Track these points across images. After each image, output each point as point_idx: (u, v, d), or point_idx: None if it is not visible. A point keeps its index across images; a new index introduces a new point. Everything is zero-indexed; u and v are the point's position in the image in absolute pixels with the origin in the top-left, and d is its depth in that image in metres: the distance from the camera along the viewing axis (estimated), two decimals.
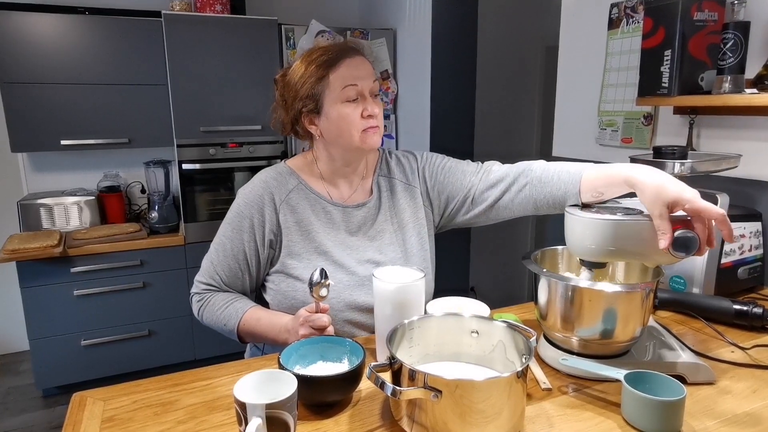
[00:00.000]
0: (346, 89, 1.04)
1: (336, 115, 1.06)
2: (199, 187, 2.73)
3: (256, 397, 0.70)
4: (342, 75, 1.04)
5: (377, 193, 1.19)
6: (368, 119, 1.06)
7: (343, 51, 1.06)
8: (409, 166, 1.23)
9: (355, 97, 1.05)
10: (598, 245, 0.90)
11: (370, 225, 1.18)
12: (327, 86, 1.05)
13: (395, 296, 0.92)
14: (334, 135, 1.09)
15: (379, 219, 1.18)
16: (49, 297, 2.48)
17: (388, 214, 1.19)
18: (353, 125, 1.06)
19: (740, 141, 1.43)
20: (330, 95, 1.05)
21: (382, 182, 1.21)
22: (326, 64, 1.05)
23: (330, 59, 1.05)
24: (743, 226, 1.26)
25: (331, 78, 1.04)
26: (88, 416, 0.82)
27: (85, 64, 2.55)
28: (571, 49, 1.98)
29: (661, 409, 0.74)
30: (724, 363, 0.96)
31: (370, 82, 1.07)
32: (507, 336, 0.83)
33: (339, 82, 1.04)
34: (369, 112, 1.06)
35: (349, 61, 1.05)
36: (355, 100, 1.05)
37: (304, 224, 1.13)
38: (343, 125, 1.06)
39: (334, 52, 1.05)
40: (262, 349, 1.24)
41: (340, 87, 1.04)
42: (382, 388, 0.70)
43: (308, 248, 1.13)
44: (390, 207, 1.20)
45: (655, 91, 1.42)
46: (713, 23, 1.33)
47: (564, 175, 1.04)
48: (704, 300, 1.14)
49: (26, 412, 2.54)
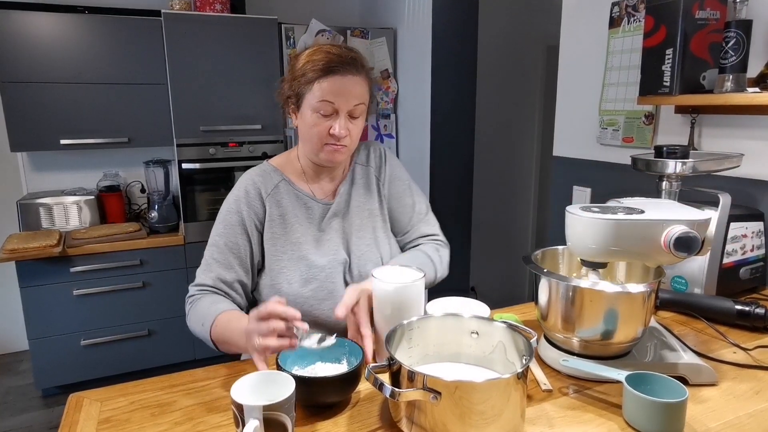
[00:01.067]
0: (321, 102, 1.07)
1: (307, 121, 1.10)
2: (198, 186, 2.72)
3: (253, 398, 0.69)
4: (323, 88, 1.06)
5: (350, 180, 1.23)
6: (330, 137, 1.09)
7: (339, 65, 1.06)
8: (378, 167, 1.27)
9: (328, 112, 1.08)
10: (599, 245, 0.89)
11: (342, 217, 1.20)
12: (310, 91, 1.08)
13: (394, 297, 0.91)
14: (303, 136, 1.14)
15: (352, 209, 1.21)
16: (48, 297, 2.47)
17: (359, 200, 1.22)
18: (318, 136, 1.09)
19: (742, 140, 1.43)
20: (309, 100, 1.08)
21: (358, 171, 1.25)
22: (317, 71, 1.06)
23: (323, 68, 1.06)
24: (745, 226, 1.25)
25: (315, 86, 1.07)
26: (84, 417, 0.81)
27: (84, 63, 2.55)
28: (572, 48, 1.98)
29: (663, 410, 0.73)
30: (726, 364, 0.95)
31: (350, 104, 1.08)
32: (507, 337, 0.83)
33: (319, 93, 1.07)
34: (333, 131, 1.08)
35: (339, 78, 1.06)
36: (328, 115, 1.08)
37: (287, 218, 1.16)
38: (309, 132, 1.10)
39: (330, 63, 1.06)
40: None
41: (318, 98, 1.07)
42: (381, 390, 0.69)
43: (287, 241, 1.16)
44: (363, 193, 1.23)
45: (656, 90, 1.41)
46: (715, 22, 1.32)
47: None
48: (706, 300, 1.13)
49: (26, 411, 2.53)
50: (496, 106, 3.48)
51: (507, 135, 3.60)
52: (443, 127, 2.81)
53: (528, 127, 3.67)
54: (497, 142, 3.56)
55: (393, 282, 0.92)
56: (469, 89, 2.84)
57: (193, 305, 1.12)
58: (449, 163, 2.86)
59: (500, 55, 3.41)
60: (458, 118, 2.83)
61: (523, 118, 3.63)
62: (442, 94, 2.77)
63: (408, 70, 3.01)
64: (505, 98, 3.53)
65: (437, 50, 2.72)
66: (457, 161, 2.88)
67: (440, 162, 2.84)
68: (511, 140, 3.63)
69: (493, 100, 3.45)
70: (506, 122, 3.58)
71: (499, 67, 3.43)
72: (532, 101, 3.63)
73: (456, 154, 2.87)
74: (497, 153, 3.58)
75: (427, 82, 2.77)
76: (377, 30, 3.06)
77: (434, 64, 2.73)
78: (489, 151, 3.51)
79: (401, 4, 2.99)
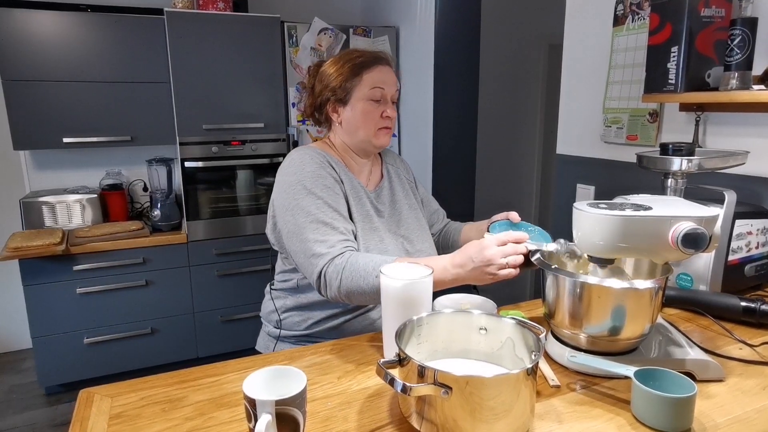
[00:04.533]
0: (374, 90, 1.19)
1: (360, 109, 1.20)
2: (201, 184, 2.72)
3: (266, 393, 0.69)
4: (373, 77, 1.19)
5: (387, 177, 1.33)
6: (385, 119, 1.21)
7: (378, 58, 1.22)
8: (404, 168, 1.42)
9: (379, 98, 1.20)
10: (606, 241, 0.89)
11: (391, 205, 1.30)
12: (359, 83, 1.19)
13: (403, 293, 0.91)
14: (354, 126, 1.22)
15: (397, 198, 1.32)
16: (51, 295, 2.47)
17: (400, 194, 1.33)
18: (372, 121, 1.20)
19: (747, 138, 1.43)
20: (360, 91, 1.20)
21: (391, 170, 1.36)
22: (362, 65, 1.20)
23: (366, 61, 1.20)
24: (750, 223, 1.25)
25: (365, 77, 1.19)
26: (95, 413, 0.81)
27: (87, 61, 2.55)
28: (576, 46, 1.98)
29: (672, 406, 0.74)
30: (732, 360, 0.95)
31: (393, 90, 1.22)
32: (516, 333, 0.83)
33: (370, 82, 1.19)
34: (387, 114, 1.21)
35: (381, 68, 1.21)
36: (378, 101, 1.20)
37: (350, 194, 1.21)
38: (363, 119, 1.20)
39: (370, 57, 1.21)
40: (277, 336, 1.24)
41: (369, 86, 1.19)
42: (392, 385, 0.70)
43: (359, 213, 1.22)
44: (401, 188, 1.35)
45: (661, 88, 1.41)
46: (720, 19, 1.32)
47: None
48: (712, 297, 1.14)
49: (29, 410, 2.54)
50: (498, 104, 3.48)
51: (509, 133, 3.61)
52: (446, 125, 2.81)
53: (530, 125, 3.67)
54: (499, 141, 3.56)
55: (401, 278, 0.92)
56: (471, 88, 2.84)
57: (345, 269, 1.04)
58: (451, 161, 2.86)
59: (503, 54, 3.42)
60: (460, 117, 2.84)
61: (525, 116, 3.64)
62: (444, 92, 2.77)
63: (410, 68, 3.01)
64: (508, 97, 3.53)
65: (440, 49, 2.72)
66: (459, 159, 2.88)
67: (442, 160, 2.84)
68: (514, 138, 3.63)
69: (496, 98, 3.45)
70: (508, 121, 3.58)
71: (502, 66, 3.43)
72: (534, 100, 3.64)
73: (458, 152, 2.87)
74: (499, 151, 3.58)
75: (430, 81, 2.77)
76: (379, 28, 3.06)
77: (437, 63, 2.73)
78: (491, 150, 3.52)
79: (404, 3, 2.99)
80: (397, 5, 3.06)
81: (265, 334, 1.31)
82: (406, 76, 3.07)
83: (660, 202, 0.95)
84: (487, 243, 0.98)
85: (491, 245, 0.98)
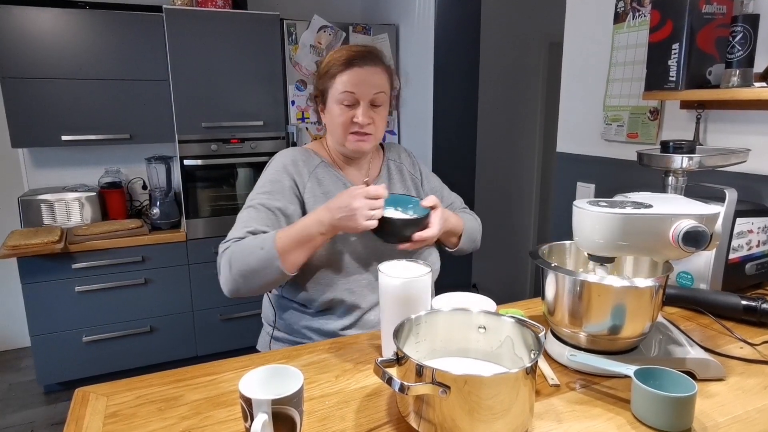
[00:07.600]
0: (343, 94, 1.14)
1: (331, 113, 1.18)
2: (200, 183, 2.72)
3: (262, 392, 0.69)
4: (344, 80, 1.14)
5: (387, 172, 1.31)
6: (353, 125, 1.16)
7: (357, 58, 1.14)
8: (409, 162, 1.38)
9: (351, 102, 1.15)
10: (606, 240, 0.89)
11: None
12: (332, 85, 1.16)
13: (401, 291, 0.91)
14: (330, 128, 1.22)
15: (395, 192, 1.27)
16: (50, 293, 2.47)
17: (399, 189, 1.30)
18: (341, 126, 1.16)
19: (748, 135, 1.42)
20: (332, 94, 1.16)
21: (392, 165, 1.33)
22: (339, 65, 1.14)
23: (343, 62, 1.14)
24: (751, 221, 1.24)
25: (337, 80, 1.15)
26: (91, 412, 0.81)
27: (85, 59, 2.54)
28: (577, 44, 1.97)
29: (672, 405, 0.73)
30: (733, 359, 0.95)
31: (370, 93, 1.15)
32: (515, 331, 0.82)
33: (340, 86, 1.14)
34: (356, 119, 1.15)
35: (358, 70, 1.14)
36: (349, 105, 1.15)
37: (329, 197, 1.17)
38: (334, 123, 1.18)
39: (350, 56, 1.14)
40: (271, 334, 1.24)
41: (340, 90, 1.14)
42: (390, 384, 0.69)
43: None
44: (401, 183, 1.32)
45: (662, 86, 1.40)
46: (722, 16, 1.31)
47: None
48: (712, 296, 1.13)
49: (27, 408, 2.53)
50: (498, 102, 3.47)
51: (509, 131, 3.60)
52: (445, 123, 2.80)
53: (530, 123, 3.66)
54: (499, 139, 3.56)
55: (400, 276, 0.91)
56: (471, 86, 2.83)
57: (232, 249, 1.07)
58: (451, 159, 2.85)
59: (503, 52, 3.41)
60: (460, 115, 2.83)
61: (525, 114, 3.63)
62: (444, 90, 2.76)
63: (410, 66, 3.00)
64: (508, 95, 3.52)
65: (440, 47, 2.71)
66: (459, 157, 2.88)
67: (442, 158, 2.83)
68: (513, 137, 3.62)
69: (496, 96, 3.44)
70: (508, 119, 3.57)
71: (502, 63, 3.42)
72: (534, 98, 3.63)
73: (458, 150, 2.86)
74: (499, 149, 3.58)
75: (430, 79, 2.76)
76: (379, 26, 3.05)
77: (437, 61, 2.72)
78: (491, 148, 3.51)
79: (404, 1, 2.98)
80: (397, 3, 3.05)
81: (264, 334, 1.30)
82: (405, 74, 3.06)
83: (660, 200, 0.94)
84: (356, 193, 1.02)
85: (358, 196, 1.01)
